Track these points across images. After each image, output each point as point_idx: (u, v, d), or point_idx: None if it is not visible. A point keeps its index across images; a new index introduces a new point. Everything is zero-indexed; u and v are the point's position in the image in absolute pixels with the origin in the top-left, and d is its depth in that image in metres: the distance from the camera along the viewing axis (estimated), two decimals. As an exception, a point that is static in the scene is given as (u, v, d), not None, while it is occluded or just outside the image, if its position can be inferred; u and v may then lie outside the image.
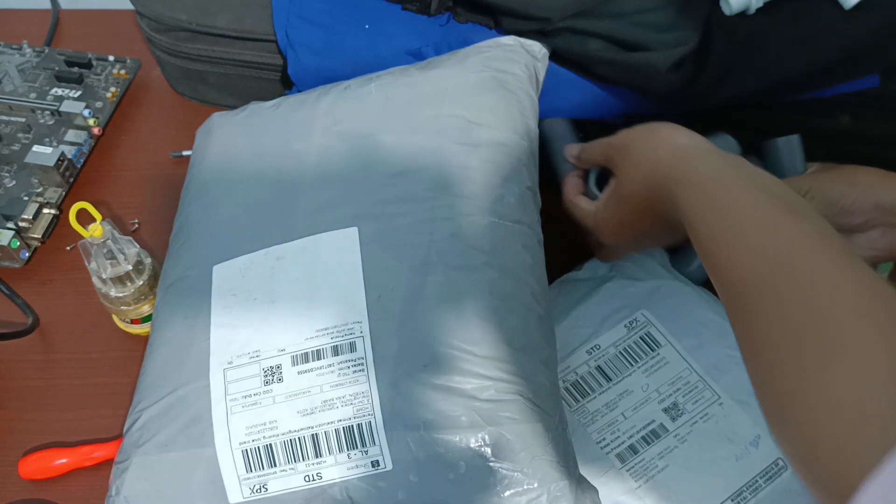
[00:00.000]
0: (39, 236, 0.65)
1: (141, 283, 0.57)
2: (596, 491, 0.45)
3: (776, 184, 0.40)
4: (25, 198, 0.66)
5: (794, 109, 0.61)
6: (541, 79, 0.58)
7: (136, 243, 0.57)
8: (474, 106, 0.53)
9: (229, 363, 0.46)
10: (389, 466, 0.43)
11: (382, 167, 0.51)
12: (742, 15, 0.56)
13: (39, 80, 0.74)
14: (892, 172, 0.49)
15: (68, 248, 0.66)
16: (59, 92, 0.73)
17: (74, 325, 0.63)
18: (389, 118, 0.53)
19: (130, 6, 0.69)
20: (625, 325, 0.55)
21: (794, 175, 0.54)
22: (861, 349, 0.30)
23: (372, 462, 0.43)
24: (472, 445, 0.42)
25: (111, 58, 0.76)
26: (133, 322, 0.60)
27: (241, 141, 0.57)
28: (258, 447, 0.44)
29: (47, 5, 0.83)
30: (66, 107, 0.72)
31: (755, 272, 0.35)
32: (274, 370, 0.45)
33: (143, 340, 0.56)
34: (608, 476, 0.49)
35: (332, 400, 0.44)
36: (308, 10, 0.63)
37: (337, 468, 0.44)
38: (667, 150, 0.44)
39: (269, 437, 0.44)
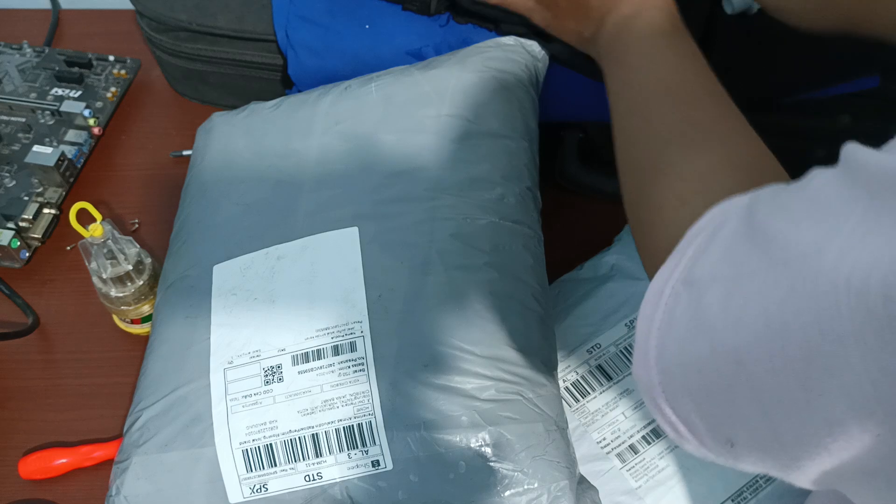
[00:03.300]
0: (39, 236, 0.65)
1: (141, 283, 0.57)
2: (596, 491, 0.45)
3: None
4: (25, 198, 0.66)
5: (794, 109, 0.61)
6: (541, 79, 0.58)
7: (136, 243, 0.57)
8: (474, 106, 0.53)
9: (230, 363, 0.46)
10: (390, 466, 0.43)
11: (383, 167, 0.51)
12: (743, 15, 0.56)
13: (39, 80, 0.74)
14: None
15: (68, 248, 0.66)
16: (60, 92, 0.73)
17: (74, 325, 0.63)
18: (390, 118, 0.53)
19: (130, 6, 0.69)
20: (625, 324, 0.55)
21: None
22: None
23: (372, 462, 0.43)
24: (472, 445, 0.42)
25: (111, 58, 0.76)
26: (133, 322, 0.60)
27: (242, 141, 0.57)
28: (258, 447, 0.44)
29: (47, 5, 0.82)
30: (66, 107, 0.72)
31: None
32: (274, 370, 0.45)
33: (143, 340, 0.56)
34: (608, 476, 0.49)
35: (333, 400, 0.44)
36: (308, 10, 0.63)
37: (337, 468, 0.44)
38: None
39: (270, 436, 0.44)
